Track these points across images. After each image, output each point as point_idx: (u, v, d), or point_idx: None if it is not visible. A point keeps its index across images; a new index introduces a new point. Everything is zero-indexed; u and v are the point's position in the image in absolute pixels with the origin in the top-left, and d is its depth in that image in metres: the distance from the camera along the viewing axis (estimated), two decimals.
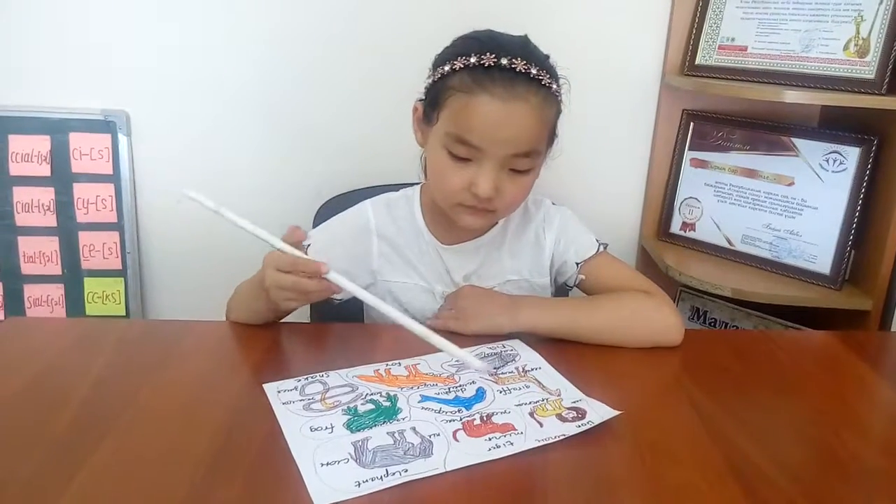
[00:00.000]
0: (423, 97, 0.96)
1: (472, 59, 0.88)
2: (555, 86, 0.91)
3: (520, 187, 0.94)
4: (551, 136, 0.96)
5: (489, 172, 0.89)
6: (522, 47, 0.90)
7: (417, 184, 1.08)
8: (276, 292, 0.86)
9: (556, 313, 0.94)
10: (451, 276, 1.05)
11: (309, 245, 0.94)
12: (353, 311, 1.07)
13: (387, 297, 1.04)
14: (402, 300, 1.04)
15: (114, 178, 1.55)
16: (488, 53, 0.87)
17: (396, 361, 0.86)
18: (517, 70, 0.87)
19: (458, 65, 0.89)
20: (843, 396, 0.86)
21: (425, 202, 1.05)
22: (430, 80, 0.94)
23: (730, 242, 1.51)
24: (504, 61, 0.87)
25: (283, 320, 1.00)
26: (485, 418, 0.74)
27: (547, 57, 0.93)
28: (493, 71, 0.87)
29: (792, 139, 1.42)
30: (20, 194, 1.54)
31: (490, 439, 0.71)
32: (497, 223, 1.04)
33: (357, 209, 1.07)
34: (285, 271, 0.84)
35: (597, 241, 1.06)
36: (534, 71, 0.88)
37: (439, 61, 0.93)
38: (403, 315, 0.81)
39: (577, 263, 1.04)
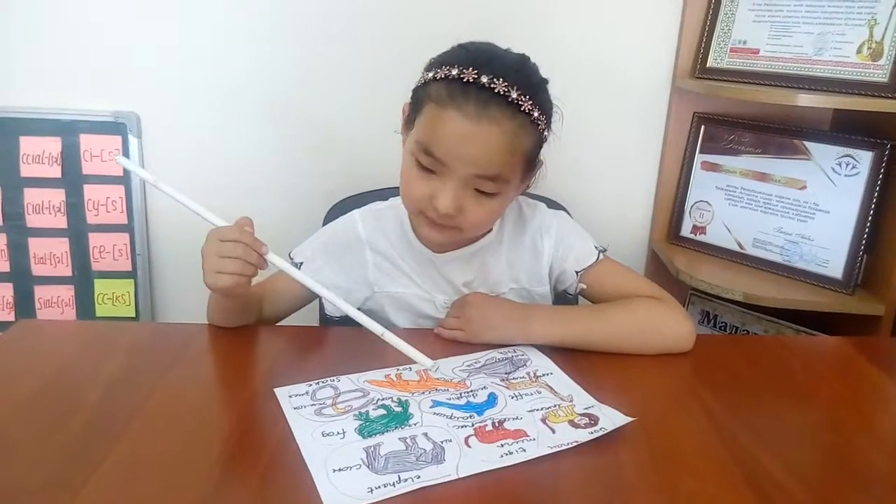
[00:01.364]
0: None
1: (454, 72, 0.84)
2: (536, 113, 0.86)
3: (485, 210, 0.90)
4: (529, 164, 0.92)
5: (450, 189, 0.86)
6: (515, 69, 0.86)
7: None
8: (214, 261, 0.85)
9: (568, 326, 0.92)
10: (450, 284, 1.02)
11: (302, 263, 0.93)
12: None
13: (388, 306, 1.03)
14: (404, 309, 1.03)
15: (124, 179, 1.55)
16: (471, 68, 0.83)
17: (407, 366, 0.86)
18: (496, 91, 0.83)
19: (441, 74, 0.86)
20: (857, 403, 0.85)
21: None
22: (416, 84, 0.92)
23: (741, 246, 1.50)
24: (484, 79, 0.83)
25: (293, 324, 0.99)
26: (497, 424, 0.74)
27: (545, 81, 0.90)
28: (470, 88, 0.83)
29: (804, 143, 1.42)
30: (31, 196, 1.55)
31: (502, 445, 0.70)
32: (491, 230, 1.01)
33: (346, 220, 1.04)
34: (229, 240, 0.84)
35: (595, 247, 1.02)
36: (514, 94, 0.83)
37: (429, 67, 0.91)
38: (355, 309, 0.86)
39: (577, 272, 1.01)
